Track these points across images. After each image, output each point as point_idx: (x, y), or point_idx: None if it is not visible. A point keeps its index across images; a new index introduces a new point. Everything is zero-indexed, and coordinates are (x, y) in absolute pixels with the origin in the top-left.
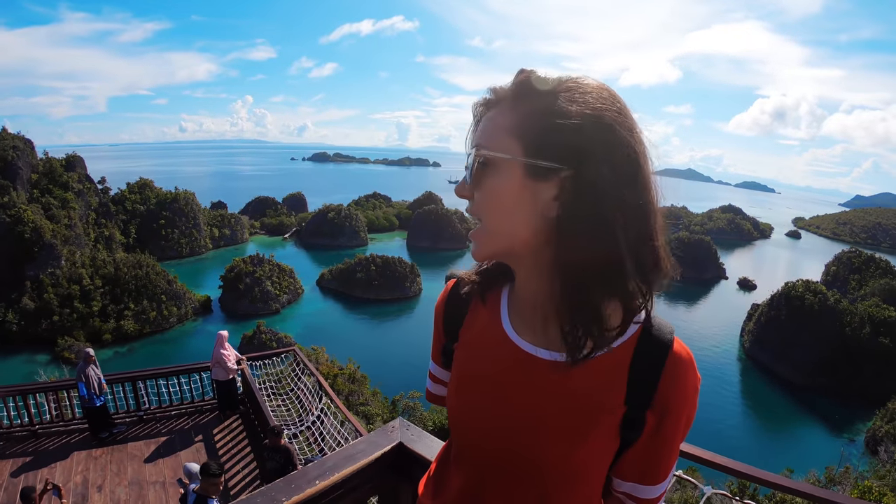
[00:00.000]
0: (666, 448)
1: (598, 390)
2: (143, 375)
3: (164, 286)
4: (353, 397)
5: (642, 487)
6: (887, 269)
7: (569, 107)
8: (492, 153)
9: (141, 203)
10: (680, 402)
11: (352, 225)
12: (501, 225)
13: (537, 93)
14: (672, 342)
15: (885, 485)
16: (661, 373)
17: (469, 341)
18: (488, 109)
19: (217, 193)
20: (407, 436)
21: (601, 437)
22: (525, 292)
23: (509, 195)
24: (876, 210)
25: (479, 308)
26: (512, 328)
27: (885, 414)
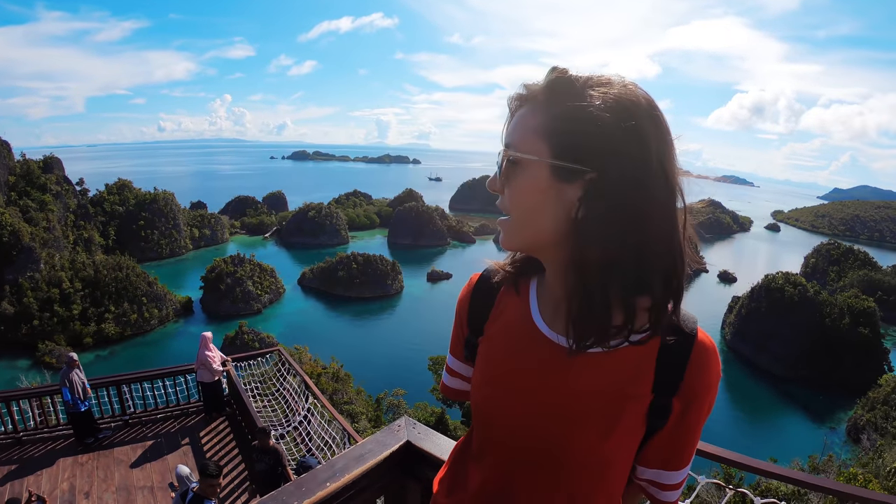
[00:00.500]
0: (690, 434)
1: (627, 380)
2: (128, 379)
3: (145, 288)
4: (338, 396)
5: (666, 473)
6: (866, 261)
7: (599, 111)
8: (519, 154)
9: (120, 204)
10: (705, 389)
11: (332, 223)
12: (527, 221)
13: (568, 94)
14: (696, 332)
15: (868, 471)
16: (687, 361)
17: (496, 334)
18: (521, 105)
19: (197, 193)
20: (414, 434)
21: (630, 425)
22: (551, 285)
23: (536, 194)
24: (854, 203)
25: (506, 300)
26: (542, 320)
27: (865, 403)
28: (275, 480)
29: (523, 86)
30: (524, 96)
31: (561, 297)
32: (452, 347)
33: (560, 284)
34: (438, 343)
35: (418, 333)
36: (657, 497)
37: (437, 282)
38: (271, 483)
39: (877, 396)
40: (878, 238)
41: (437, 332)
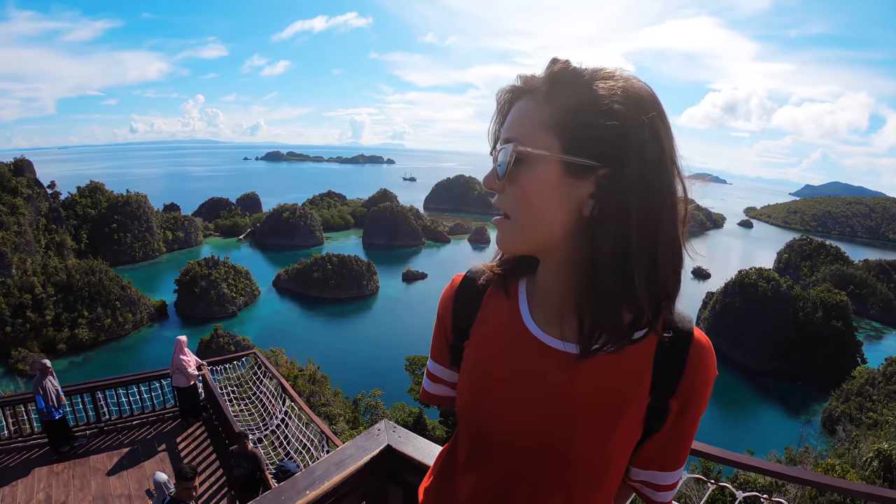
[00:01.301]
0: (686, 435)
1: (624, 381)
2: (102, 385)
3: (119, 292)
4: (315, 398)
5: (662, 474)
6: (837, 256)
7: (609, 102)
8: (530, 149)
9: (92, 207)
10: (702, 389)
11: (307, 224)
12: (534, 221)
13: (575, 85)
14: (693, 330)
15: (845, 462)
16: (685, 362)
17: (484, 338)
18: (517, 99)
19: (170, 195)
20: (394, 438)
21: (628, 427)
22: (547, 285)
23: (545, 192)
24: (825, 199)
25: (493, 303)
26: (534, 322)
27: (840, 394)
28: (253, 485)
29: (519, 77)
30: (520, 88)
31: (561, 299)
32: (434, 352)
33: (563, 285)
34: (415, 343)
35: (395, 334)
36: (652, 498)
37: (412, 282)
38: (250, 488)
39: (851, 388)
40: (849, 233)
41: (414, 332)
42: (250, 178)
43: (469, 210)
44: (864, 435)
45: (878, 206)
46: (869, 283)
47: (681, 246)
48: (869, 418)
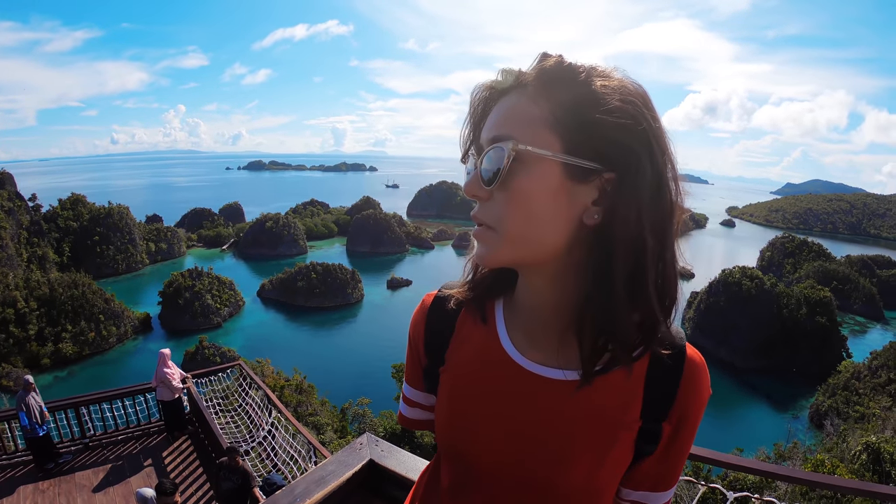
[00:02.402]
0: (680, 456)
1: (615, 406)
2: (86, 400)
3: (102, 305)
4: (302, 408)
5: (654, 495)
6: (820, 252)
7: (611, 100)
8: (531, 148)
9: (74, 219)
10: (695, 412)
11: (290, 233)
12: (528, 231)
13: (573, 80)
14: (686, 348)
15: (834, 456)
16: (678, 383)
17: (460, 364)
18: (500, 95)
19: (152, 206)
20: (377, 452)
21: (619, 453)
22: (533, 304)
23: (544, 198)
24: (806, 196)
25: (468, 325)
26: (514, 348)
27: (826, 389)
28: (241, 501)
29: (503, 72)
30: (506, 85)
31: (550, 319)
32: (409, 377)
33: (555, 304)
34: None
35: (380, 341)
36: None
37: (397, 289)
38: (237, 503)
39: (837, 382)
40: (830, 230)
41: (400, 339)
42: (233, 187)
43: (452, 216)
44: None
45: (859, 202)
46: (851, 279)
47: (675, 262)
48: (856, 412)
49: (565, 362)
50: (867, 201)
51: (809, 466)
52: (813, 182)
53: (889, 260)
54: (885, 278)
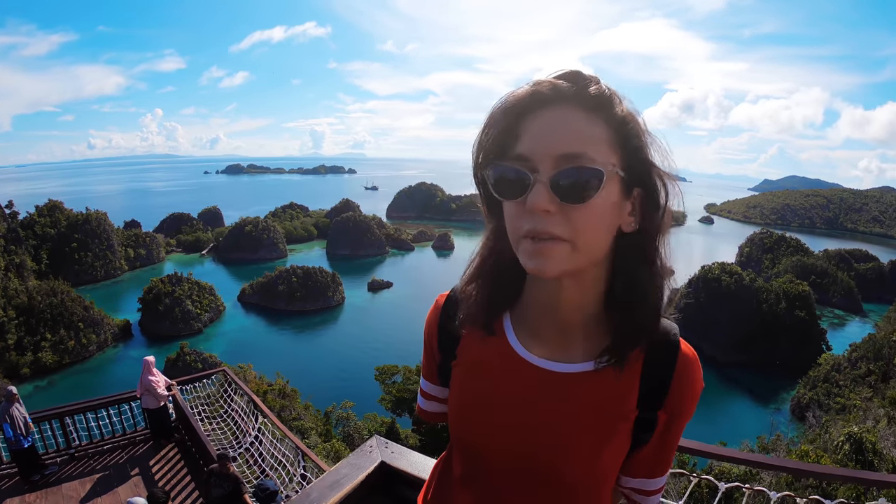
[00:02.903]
0: (673, 443)
1: (613, 397)
2: (71, 410)
3: (81, 313)
4: (286, 413)
5: (650, 481)
6: (798, 247)
7: (639, 120)
8: (618, 171)
9: (51, 226)
10: (689, 402)
11: (270, 237)
12: (596, 242)
13: (619, 104)
14: (679, 342)
15: (818, 447)
16: (672, 375)
17: (471, 360)
18: (542, 106)
19: (130, 212)
20: (387, 454)
21: (618, 441)
22: (549, 306)
23: (611, 212)
24: (784, 192)
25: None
26: (520, 344)
27: (807, 382)
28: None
29: (551, 85)
30: (546, 96)
31: (553, 318)
32: (425, 372)
33: (572, 303)
34: (384, 352)
35: (363, 344)
36: (641, 503)
37: (378, 291)
38: None
39: (817, 375)
40: (808, 225)
41: (382, 341)
42: (211, 191)
43: (432, 217)
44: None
45: (835, 197)
46: (829, 273)
47: (666, 260)
48: (837, 403)
49: (567, 357)
50: (844, 196)
51: (794, 457)
52: (790, 178)
53: (866, 254)
54: (862, 271)
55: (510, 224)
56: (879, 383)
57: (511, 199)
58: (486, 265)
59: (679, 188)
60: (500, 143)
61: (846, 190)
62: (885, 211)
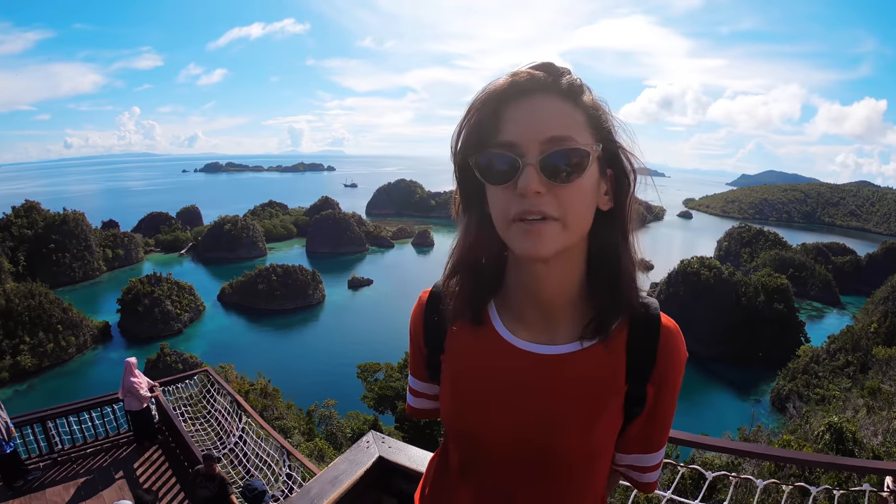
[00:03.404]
0: (665, 416)
1: (602, 374)
2: (52, 414)
3: (60, 315)
4: (268, 412)
5: (645, 457)
6: (776, 241)
7: (605, 107)
8: (598, 149)
9: (28, 227)
10: (675, 372)
11: (249, 235)
12: (582, 221)
13: (588, 90)
14: (660, 315)
15: (799, 437)
16: (657, 348)
17: (459, 350)
18: (521, 95)
19: (107, 212)
20: (385, 449)
21: (611, 418)
22: (533, 289)
23: (593, 190)
24: (761, 187)
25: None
26: (507, 330)
27: (786, 373)
28: None
29: (527, 73)
30: (527, 86)
31: (543, 301)
32: (413, 369)
33: (554, 283)
34: (365, 350)
35: (344, 342)
36: (639, 480)
37: (358, 288)
38: None
39: (796, 366)
40: (786, 219)
41: (363, 339)
42: (190, 190)
43: (411, 214)
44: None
45: (813, 191)
46: (807, 266)
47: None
48: (816, 394)
49: (553, 339)
50: (821, 191)
51: (777, 447)
52: (768, 173)
53: (843, 247)
54: (840, 265)
55: (498, 209)
56: (858, 374)
57: (499, 184)
58: (466, 257)
59: (648, 174)
60: (482, 131)
61: (823, 184)
62: (861, 205)
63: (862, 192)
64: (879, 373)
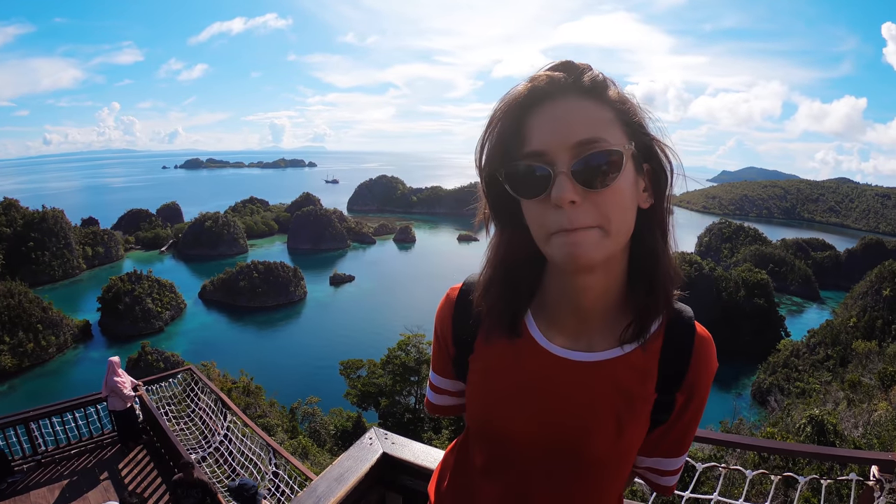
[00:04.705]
0: (692, 424)
1: (633, 381)
2: (35, 415)
3: (40, 314)
4: (251, 410)
5: (667, 461)
6: (756, 237)
7: (633, 99)
8: (632, 149)
9: (7, 225)
10: (706, 382)
11: (230, 232)
12: (625, 223)
13: (614, 86)
14: (695, 324)
15: (781, 429)
16: (690, 357)
17: (491, 354)
18: (545, 99)
19: (87, 209)
20: (388, 445)
21: (640, 424)
22: (573, 296)
23: (631, 191)
24: (742, 183)
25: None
26: (542, 335)
27: (767, 367)
28: None
29: (547, 76)
30: (546, 89)
31: (584, 307)
32: (436, 365)
33: (599, 290)
34: (347, 347)
35: (326, 338)
36: (657, 482)
37: (340, 285)
38: None
39: (777, 360)
40: (766, 215)
41: (345, 335)
42: (170, 187)
43: (393, 210)
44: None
45: (793, 188)
46: (787, 261)
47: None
48: (796, 387)
49: (589, 345)
50: (801, 187)
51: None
52: (748, 169)
53: (823, 242)
54: (819, 260)
55: (536, 223)
56: (838, 367)
57: (532, 198)
58: (500, 271)
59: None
60: (507, 143)
61: (803, 181)
62: (840, 201)
63: (841, 188)
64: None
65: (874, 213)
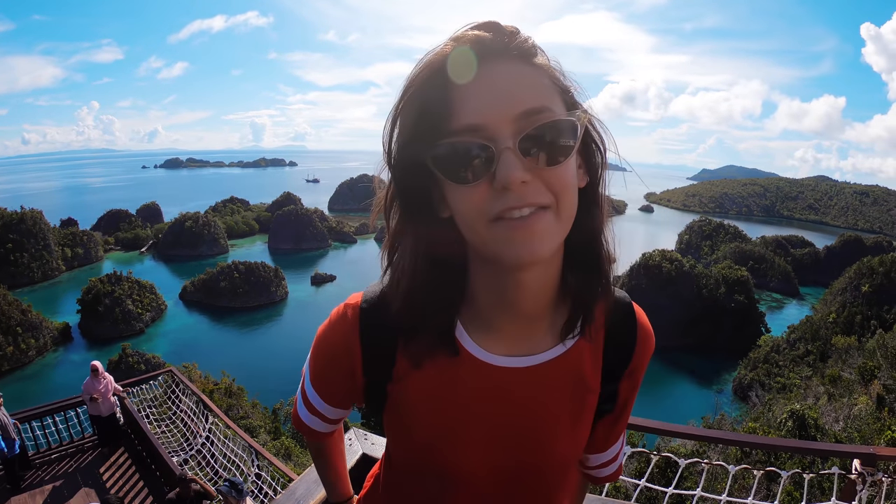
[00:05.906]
0: (629, 408)
1: (584, 374)
2: (16, 419)
3: (19, 317)
4: (233, 412)
5: (608, 451)
6: (736, 234)
7: (557, 63)
8: (582, 118)
9: None
10: (645, 364)
11: (211, 232)
12: (574, 206)
13: (535, 46)
14: (635, 309)
15: (763, 425)
16: (634, 344)
17: (423, 377)
18: (476, 63)
19: (66, 210)
20: (367, 445)
21: (589, 417)
22: (510, 298)
23: (574, 169)
24: (721, 181)
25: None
26: (479, 347)
27: (747, 363)
28: None
29: (476, 36)
30: (480, 49)
31: (522, 309)
32: (325, 393)
33: (536, 287)
34: None
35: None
36: (599, 476)
37: (321, 284)
38: None
39: (757, 356)
40: (745, 212)
41: None
42: (150, 187)
43: None
44: (776, 398)
45: (772, 185)
46: (767, 258)
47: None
48: (777, 383)
49: (531, 348)
50: (780, 185)
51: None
52: (728, 167)
53: (802, 240)
54: (798, 257)
55: (471, 210)
56: (818, 362)
57: (471, 183)
58: (427, 276)
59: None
60: (432, 116)
61: (783, 179)
62: (819, 199)
63: (820, 186)
64: (839, 361)
65: (853, 211)
